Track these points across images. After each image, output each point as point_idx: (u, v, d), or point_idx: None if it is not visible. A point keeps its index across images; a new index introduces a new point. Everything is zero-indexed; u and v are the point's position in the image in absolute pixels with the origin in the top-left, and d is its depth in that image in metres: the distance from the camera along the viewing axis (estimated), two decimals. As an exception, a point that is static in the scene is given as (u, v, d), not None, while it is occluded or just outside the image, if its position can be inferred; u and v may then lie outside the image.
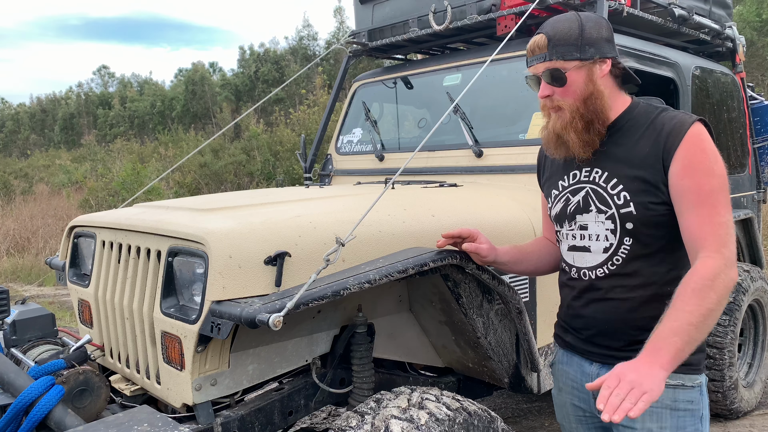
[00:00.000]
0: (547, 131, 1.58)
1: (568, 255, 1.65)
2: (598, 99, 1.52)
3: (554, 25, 1.53)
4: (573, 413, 1.69)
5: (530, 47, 1.55)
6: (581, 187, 1.60)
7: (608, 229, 1.53)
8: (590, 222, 1.57)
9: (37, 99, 41.80)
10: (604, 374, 1.51)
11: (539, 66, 1.54)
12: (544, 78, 1.53)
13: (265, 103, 21.07)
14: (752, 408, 3.71)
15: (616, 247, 1.52)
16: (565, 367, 1.69)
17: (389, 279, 1.70)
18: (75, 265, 2.43)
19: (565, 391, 1.70)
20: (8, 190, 18.32)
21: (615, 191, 1.51)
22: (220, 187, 14.14)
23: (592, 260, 1.57)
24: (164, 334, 1.78)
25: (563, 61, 1.50)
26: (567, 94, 1.52)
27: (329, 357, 2.06)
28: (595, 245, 1.56)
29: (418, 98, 3.53)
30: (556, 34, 1.51)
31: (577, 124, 1.51)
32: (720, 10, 3.78)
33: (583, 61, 1.50)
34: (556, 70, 1.50)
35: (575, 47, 1.50)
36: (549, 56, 1.51)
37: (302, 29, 33.17)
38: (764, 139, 4.10)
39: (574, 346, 1.66)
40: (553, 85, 1.52)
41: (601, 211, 1.54)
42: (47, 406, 1.69)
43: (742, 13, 15.08)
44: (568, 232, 1.63)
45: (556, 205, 1.67)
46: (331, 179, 3.76)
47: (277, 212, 1.90)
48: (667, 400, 1.47)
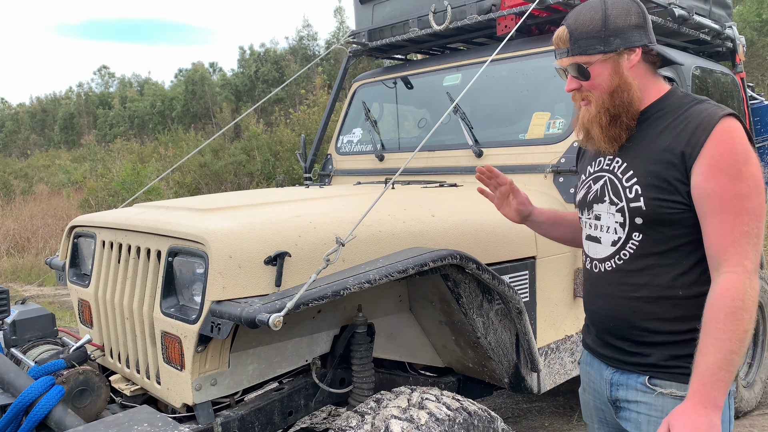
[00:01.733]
0: (578, 123, 1.54)
1: (585, 244, 1.62)
2: (625, 91, 1.44)
3: (577, 16, 1.47)
4: (596, 414, 1.67)
5: (554, 40, 1.52)
6: (602, 175, 1.55)
7: (618, 222, 1.48)
8: (603, 212, 1.52)
9: (37, 99, 41.80)
10: (617, 380, 1.52)
11: (563, 60, 1.50)
12: (570, 71, 1.49)
13: (265, 103, 21.08)
14: (752, 408, 3.71)
15: (623, 242, 1.47)
16: (588, 368, 1.67)
17: (389, 279, 1.70)
18: (75, 265, 2.43)
19: (588, 392, 1.68)
20: (8, 190, 18.31)
21: (629, 184, 1.45)
22: (220, 187, 14.13)
23: (602, 252, 1.54)
24: (164, 334, 1.78)
25: (586, 56, 1.44)
26: (593, 87, 1.47)
27: (329, 357, 2.06)
28: (605, 237, 1.52)
29: (418, 98, 3.53)
30: (578, 26, 1.45)
31: (602, 119, 1.46)
32: (720, 10, 3.78)
33: (606, 54, 1.43)
34: (578, 64, 1.46)
35: (598, 40, 1.43)
36: (571, 51, 1.46)
37: (302, 29, 33.20)
38: (764, 139, 4.09)
39: (592, 348, 1.64)
40: (579, 79, 1.48)
41: (612, 203, 1.49)
42: (47, 406, 1.69)
43: (742, 13, 15.07)
44: (586, 220, 1.60)
45: (579, 191, 1.64)
46: (331, 179, 3.76)
47: (277, 212, 1.91)
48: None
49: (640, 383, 1.47)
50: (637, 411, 1.48)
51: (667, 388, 1.43)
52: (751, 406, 3.68)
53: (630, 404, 1.50)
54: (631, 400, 1.49)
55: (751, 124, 4.03)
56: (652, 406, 1.44)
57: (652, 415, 1.44)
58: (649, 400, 1.45)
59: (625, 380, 1.51)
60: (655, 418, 1.44)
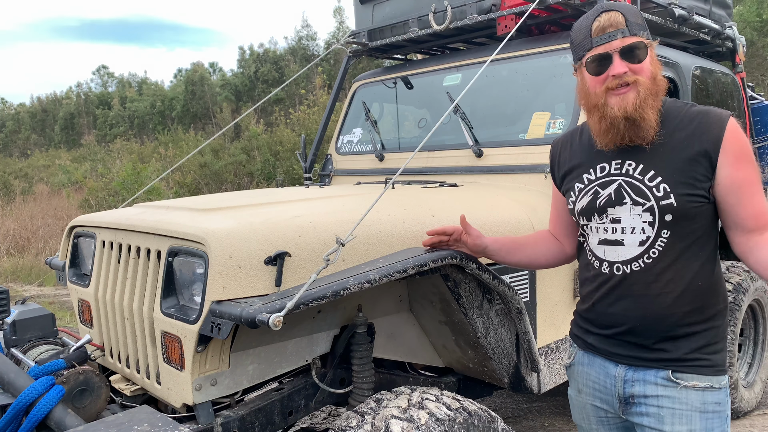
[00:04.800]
0: (608, 118, 1.50)
1: (598, 249, 1.61)
2: (661, 81, 1.51)
3: (622, 6, 1.51)
4: (594, 414, 1.68)
5: (601, 26, 1.49)
6: (613, 179, 1.56)
7: (645, 222, 1.51)
8: (624, 215, 1.53)
9: (37, 99, 41.79)
10: (631, 377, 1.55)
11: (615, 42, 1.47)
12: (620, 54, 1.48)
13: (265, 103, 21.07)
14: (752, 408, 3.71)
15: (653, 240, 1.50)
16: (586, 369, 1.67)
17: (389, 279, 1.70)
18: (75, 265, 2.43)
19: (585, 393, 1.69)
20: (8, 190, 18.32)
21: (653, 183, 1.49)
22: (220, 187, 14.14)
23: (626, 253, 1.54)
24: (164, 334, 1.78)
25: (641, 38, 1.48)
26: (642, 71, 1.48)
27: (329, 357, 2.06)
28: (630, 238, 1.53)
29: (418, 98, 3.53)
30: (628, 12, 1.49)
31: (651, 102, 1.48)
32: (720, 10, 3.78)
33: (651, 42, 1.51)
34: (640, 42, 1.47)
35: (644, 27, 1.51)
36: (631, 31, 1.47)
37: (301, 29, 33.18)
38: (764, 139, 4.10)
39: (597, 347, 1.63)
40: (629, 62, 1.48)
41: (637, 204, 1.51)
42: (47, 406, 1.69)
43: (742, 13, 15.07)
44: (598, 226, 1.60)
45: (581, 199, 1.62)
46: (331, 179, 3.76)
47: (277, 212, 1.90)
48: (696, 403, 1.48)
49: (661, 378, 1.51)
50: (659, 405, 1.51)
51: (690, 381, 1.49)
52: (751, 406, 3.68)
53: (648, 399, 1.52)
54: (650, 395, 1.52)
55: (751, 124, 4.03)
56: (676, 399, 1.49)
57: (676, 408, 1.49)
58: (672, 394, 1.50)
59: (641, 376, 1.54)
60: (680, 410, 1.49)
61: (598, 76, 1.51)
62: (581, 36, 1.54)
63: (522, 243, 1.89)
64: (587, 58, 1.52)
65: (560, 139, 1.80)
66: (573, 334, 1.76)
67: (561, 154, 1.75)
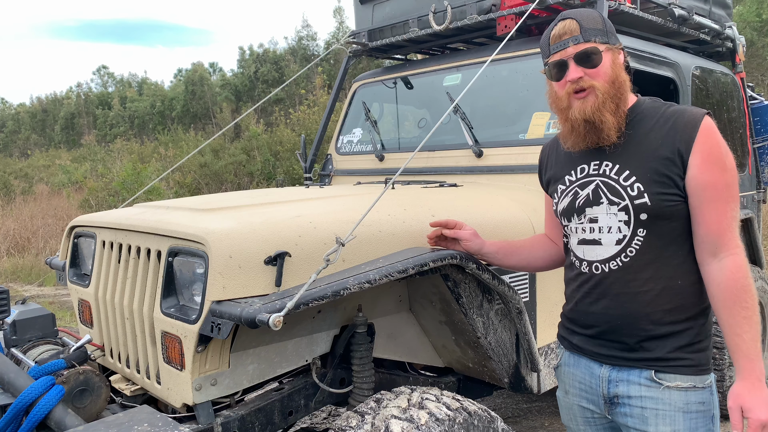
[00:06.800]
0: (570, 120, 1.56)
1: (578, 249, 1.64)
2: (622, 84, 1.54)
3: (579, 13, 1.57)
4: (581, 415, 1.68)
5: (558, 33, 1.56)
6: (590, 180, 1.60)
7: (621, 221, 1.53)
8: (601, 214, 1.56)
9: (37, 99, 41.79)
10: (615, 377, 1.55)
11: (569, 49, 1.53)
12: (575, 60, 1.53)
13: (265, 103, 21.07)
14: (752, 408, 3.70)
15: (629, 239, 1.52)
16: (572, 369, 1.68)
17: (389, 279, 1.70)
18: (75, 265, 2.43)
19: (572, 394, 1.69)
20: (8, 190, 18.32)
21: (628, 183, 1.52)
22: (220, 187, 14.14)
23: (603, 252, 1.57)
24: (164, 334, 1.78)
25: (596, 43, 1.52)
26: (598, 75, 1.52)
27: (329, 357, 2.06)
28: (607, 237, 1.56)
29: (418, 98, 3.53)
30: (583, 19, 1.54)
31: (610, 105, 1.52)
32: (720, 10, 3.78)
33: (609, 46, 1.54)
34: (593, 48, 1.51)
35: (601, 32, 1.54)
36: (584, 37, 1.52)
37: (301, 29, 33.19)
38: (764, 139, 4.10)
39: (582, 348, 1.65)
40: (585, 67, 1.52)
41: (612, 203, 1.54)
42: (47, 406, 1.69)
43: (742, 13, 15.08)
44: (577, 226, 1.63)
45: (563, 200, 1.67)
46: (331, 179, 3.76)
47: (277, 212, 1.91)
48: (679, 403, 1.48)
49: (644, 378, 1.51)
50: (642, 406, 1.51)
51: (673, 381, 1.49)
52: (751, 406, 3.68)
53: (632, 399, 1.52)
54: (633, 396, 1.52)
55: (751, 124, 4.03)
56: (659, 400, 1.49)
57: (659, 408, 1.49)
58: (655, 395, 1.50)
59: (625, 376, 1.54)
60: (663, 411, 1.49)
61: (558, 81, 1.58)
62: (544, 44, 1.62)
63: (519, 246, 1.92)
64: (547, 65, 1.60)
65: (548, 144, 1.85)
66: (560, 335, 1.77)
67: (548, 158, 1.81)
